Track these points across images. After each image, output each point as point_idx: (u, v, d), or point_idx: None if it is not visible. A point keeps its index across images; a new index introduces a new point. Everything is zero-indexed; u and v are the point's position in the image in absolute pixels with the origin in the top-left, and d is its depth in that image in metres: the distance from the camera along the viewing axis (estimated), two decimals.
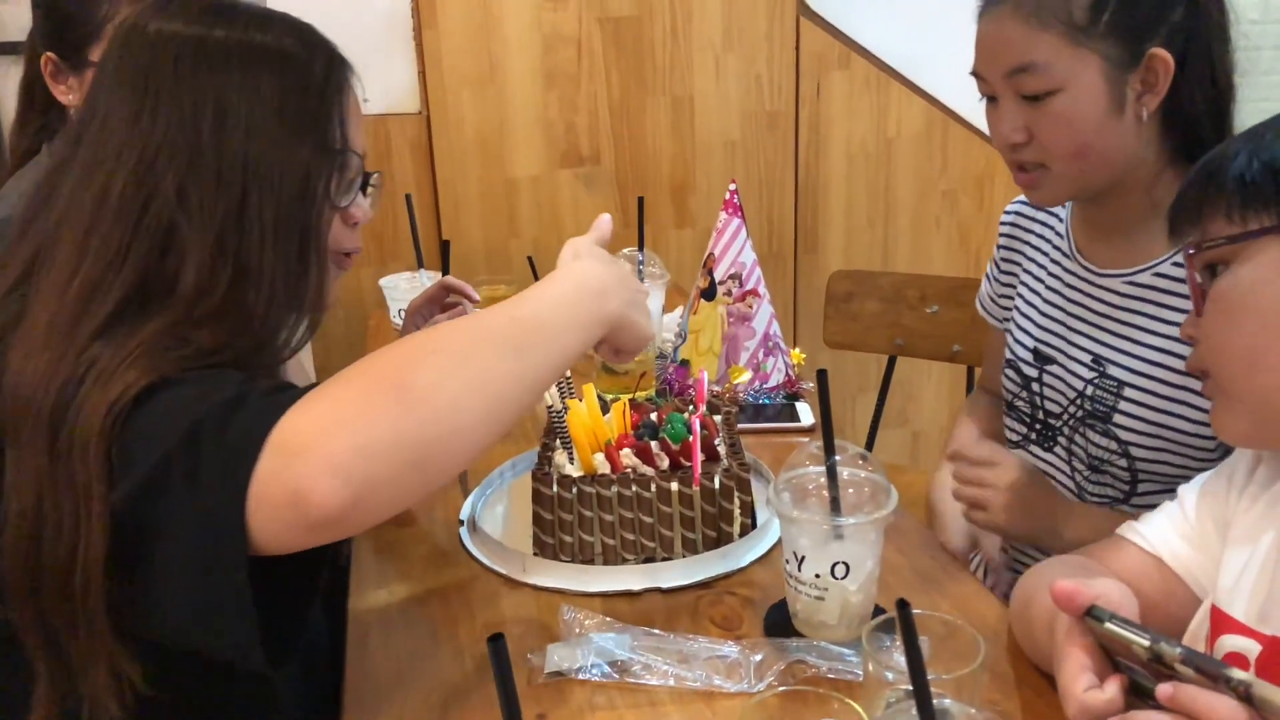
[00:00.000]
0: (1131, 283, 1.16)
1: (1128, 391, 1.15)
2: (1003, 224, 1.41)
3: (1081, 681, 0.71)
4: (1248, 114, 1.20)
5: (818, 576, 0.96)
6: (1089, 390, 1.20)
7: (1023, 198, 1.37)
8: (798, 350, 1.62)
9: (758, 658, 0.95)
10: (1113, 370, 1.17)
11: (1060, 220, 1.30)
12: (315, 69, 0.92)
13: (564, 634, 1.00)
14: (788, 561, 0.98)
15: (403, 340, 0.83)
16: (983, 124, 1.21)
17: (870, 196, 2.50)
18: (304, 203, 0.90)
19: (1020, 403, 1.31)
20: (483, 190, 2.33)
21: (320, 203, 0.91)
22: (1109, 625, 0.71)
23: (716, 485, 1.12)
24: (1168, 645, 0.68)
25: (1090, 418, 1.20)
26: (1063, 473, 1.26)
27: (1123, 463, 1.17)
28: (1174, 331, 1.11)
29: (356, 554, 1.19)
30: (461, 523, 1.24)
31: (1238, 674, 0.64)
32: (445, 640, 1.02)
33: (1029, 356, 1.29)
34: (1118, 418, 1.16)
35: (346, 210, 0.97)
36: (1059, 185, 1.14)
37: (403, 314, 1.71)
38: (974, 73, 1.16)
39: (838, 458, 0.97)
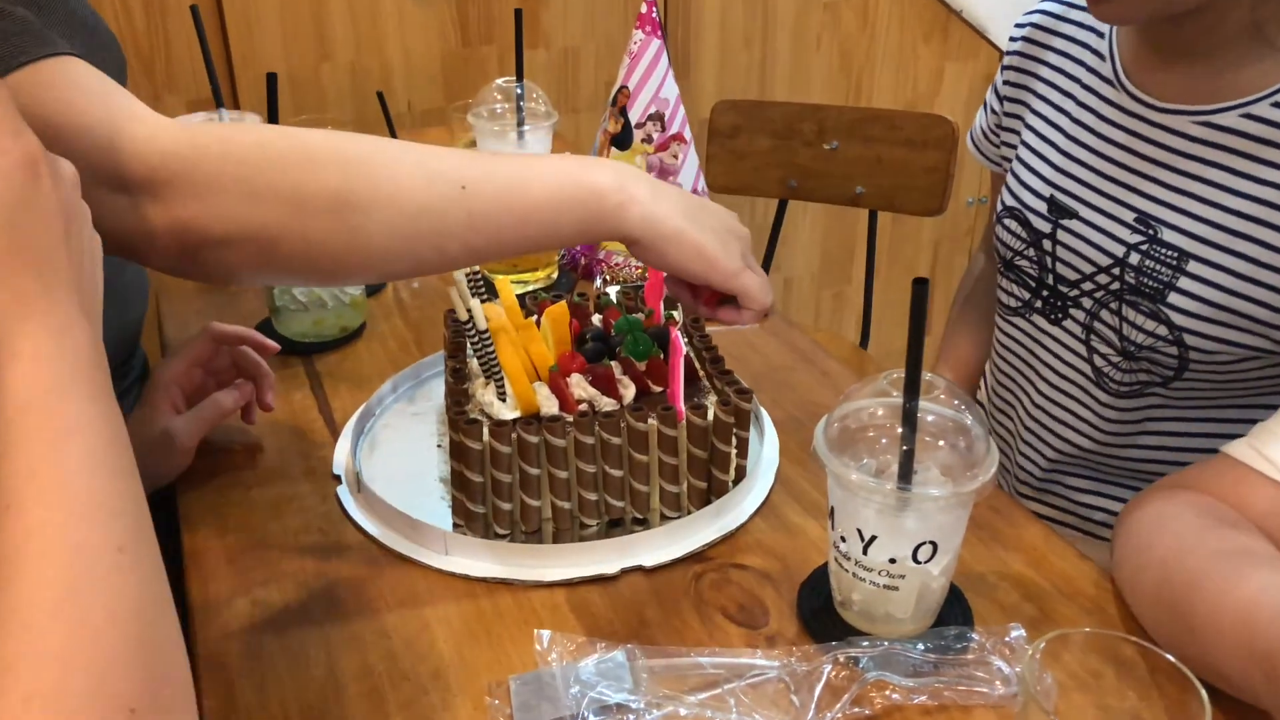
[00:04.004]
0: (1208, 124, 0.90)
1: (1192, 266, 0.91)
2: (1012, 41, 1.11)
3: None
4: None
5: (893, 562, 0.69)
6: (1133, 258, 0.95)
7: (1041, 6, 1.08)
8: None
9: (819, 681, 0.68)
10: (1169, 236, 0.93)
11: (1100, 36, 1.02)
12: None
13: (539, 661, 0.70)
14: (842, 540, 0.71)
15: None
16: None
17: (748, 11, 2.16)
18: None
19: (1024, 262, 1.06)
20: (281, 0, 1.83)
21: None
22: None
23: (710, 421, 0.82)
24: None
25: (1134, 293, 0.96)
26: (1076, 354, 1.03)
27: (1171, 350, 0.94)
28: (1261, 192, 0.87)
29: (194, 549, 0.83)
30: (338, 479, 0.90)
31: None
32: (353, 682, 0.70)
33: (1042, 207, 1.03)
34: (1174, 297, 0.92)
35: None
36: None
37: None
38: None
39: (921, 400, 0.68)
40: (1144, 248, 0.94)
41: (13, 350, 0.46)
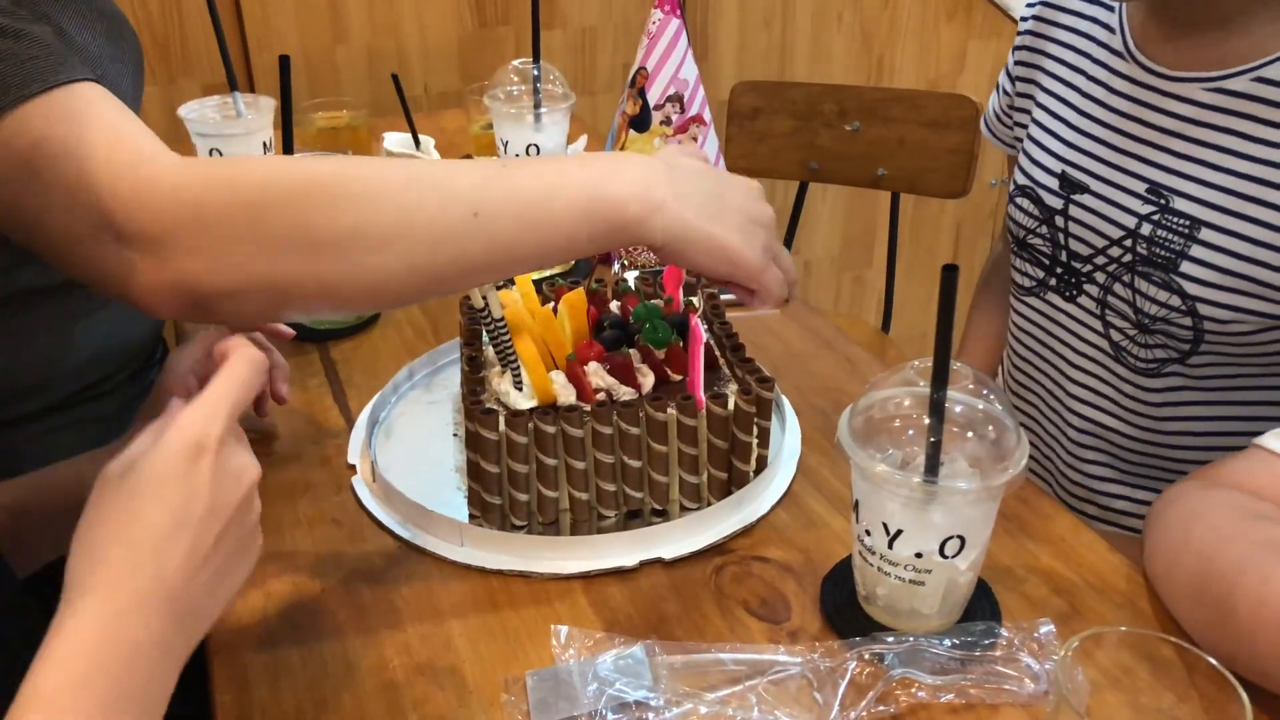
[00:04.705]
0: (1219, 90, 0.89)
1: (1204, 233, 0.90)
2: (1023, 21, 1.10)
3: None
4: None
5: (919, 556, 0.67)
6: (1144, 229, 0.94)
7: None
8: None
9: (843, 678, 0.67)
10: (1181, 205, 0.91)
11: (1110, 10, 1.01)
12: None
13: (557, 657, 0.69)
14: (867, 533, 0.69)
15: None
16: None
17: None
18: None
19: (1037, 240, 1.05)
20: None
21: None
22: None
23: (730, 410, 0.80)
24: None
25: (1146, 264, 0.94)
26: (1092, 330, 1.01)
27: (1185, 321, 0.93)
28: (1273, 155, 0.86)
29: None
30: (353, 468, 0.89)
31: None
32: (368, 676, 0.69)
33: (1053, 183, 1.02)
34: (1186, 265, 0.91)
35: None
36: None
37: (216, 154, 1.26)
38: None
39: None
40: (1155, 218, 0.93)
41: (60, 623, 0.46)
